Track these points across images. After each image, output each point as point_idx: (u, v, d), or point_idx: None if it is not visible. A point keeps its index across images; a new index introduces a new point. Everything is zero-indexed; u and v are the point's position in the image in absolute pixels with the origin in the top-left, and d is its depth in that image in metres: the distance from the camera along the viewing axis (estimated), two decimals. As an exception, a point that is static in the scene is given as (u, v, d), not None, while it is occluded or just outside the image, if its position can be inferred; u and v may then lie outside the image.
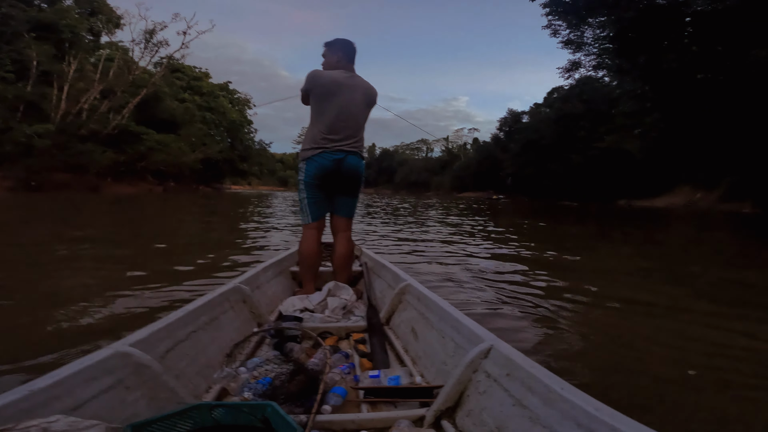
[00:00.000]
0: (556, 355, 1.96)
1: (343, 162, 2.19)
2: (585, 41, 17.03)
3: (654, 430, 0.71)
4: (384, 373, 1.39)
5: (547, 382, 0.93)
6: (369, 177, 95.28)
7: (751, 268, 4.90)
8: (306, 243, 2.29)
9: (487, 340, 1.19)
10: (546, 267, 4.31)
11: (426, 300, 1.68)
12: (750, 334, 2.31)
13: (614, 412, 0.79)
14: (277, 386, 1.19)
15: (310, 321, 1.91)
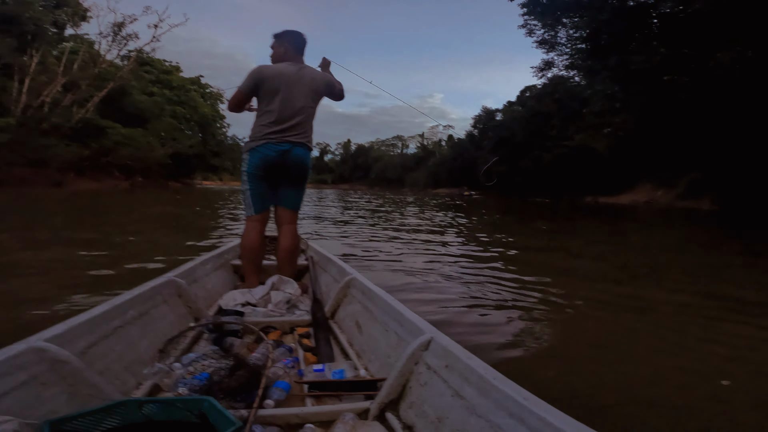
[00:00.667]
0: (514, 347, 2.03)
1: (289, 153, 2.18)
2: (558, 41, 17.55)
3: (574, 419, 0.75)
4: (328, 366, 1.40)
5: (482, 372, 0.95)
6: (344, 173, 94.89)
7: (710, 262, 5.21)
8: (248, 235, 2.24)
9: (427, 333, 1.20)
10: (513, 262, 4.52)
11: (370, 293, 1.68)
12: (710, 328, 2.39)
13: (540, 401, 0.82)
14: (216, 381, 1.17)
15: (252, 315, 1.87)
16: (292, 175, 2.25)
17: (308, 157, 2.29)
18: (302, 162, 2.24)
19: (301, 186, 2.34)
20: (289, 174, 2.24)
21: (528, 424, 0.79)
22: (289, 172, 2.23)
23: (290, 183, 2.28)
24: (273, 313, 1.94)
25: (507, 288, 3.25)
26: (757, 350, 2.14)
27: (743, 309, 2.90)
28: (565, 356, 2.02)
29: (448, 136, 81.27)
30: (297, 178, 2.28)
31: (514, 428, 0.81)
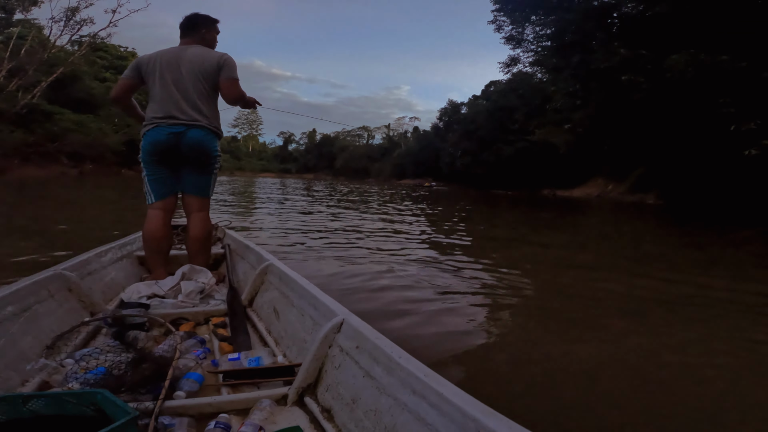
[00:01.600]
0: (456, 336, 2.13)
1: (183, 136, 2.09)
2: (525, 38, 18.13)
3: (468, 393, 0.79)
4: (245, 355, 1.38)
5: (388, 351, 0.98)
6: (309, 163, 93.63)
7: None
8: (149, 224, 2.15)
9: (339, 315, 1.21)
10: (466, 249, 4.84)
11: (287, 279, 1.66)
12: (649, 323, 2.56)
13: (439, 377, 0.86)
14: (116, 376, 1.14)
15: (159, 307, 1.79)
16: (191, 159, 2.15)
17: (208, 139, 2.17)
18: (200, 144, 2.13)
19: (204, 170, 2.21)
20: (187, 158, 2.13)
21: (428, 400, 0.82)
22: (186, 155, 2.12)
23: (191, 167, 2.17)
24: (184, 304, 1.86)
25: (461, 272, 3.54)
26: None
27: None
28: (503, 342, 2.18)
29: (413, 127, 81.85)
30: (197, 162, 2.17)
31: (417, 404, 0.84)
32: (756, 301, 3.13)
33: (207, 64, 2.15)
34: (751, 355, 2.08)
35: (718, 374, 1.85)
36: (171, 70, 2.11)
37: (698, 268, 4.56)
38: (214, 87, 2.19)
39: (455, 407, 0.75)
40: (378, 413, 0.93)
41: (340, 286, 2.88)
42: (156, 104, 2.11)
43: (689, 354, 2.07)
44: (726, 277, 3.99)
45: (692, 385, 1.75)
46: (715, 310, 2.85)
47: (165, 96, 2.09)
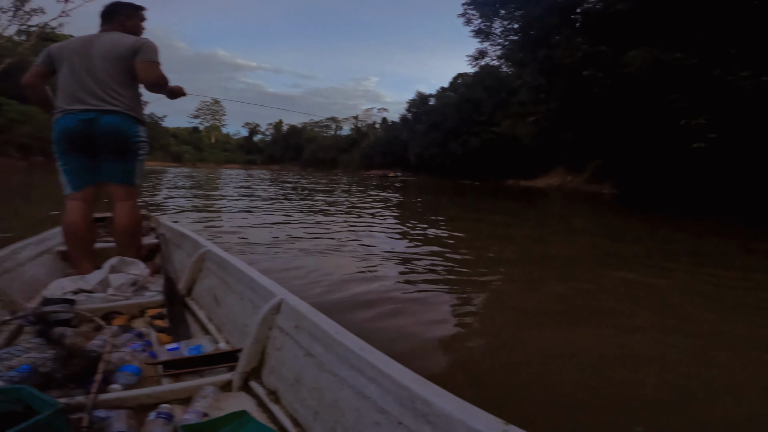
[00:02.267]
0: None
1: (96, 122, 2.02)
2: (493, 32, 18.47)
3: (401, 364, 0.81)
4: (184, 344, 1.36)
5: (326, 328, 0.99)
6: (275, 153, 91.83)
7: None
8: (67, 217, 2.06)
9: (278, 295, 1.20)
10: (422, 241, 4.96)
11: (225, 264, 1.64)
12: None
13: (374, 350, 0.88)
14: (42, 373, 1.10)
15: (88, 302, 1.72)
16: (108, 146, 2.07)
17: (126, 124, 2.09)
18: (115, 130, 2.06)
19: (124, 157, 2.12)
20: (103, 145, 2.06)
21: (365, 373, 0.84)
22: (102, 142, 2.05)
23: (109, 155, 2.10)
24: (115, 298, 1.81)
25: (421, 262, 3.70)
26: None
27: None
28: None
29: (382, 119, 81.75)
30: (115, 150, 2.09)
31: (355, 379, 0.86)
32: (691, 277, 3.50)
33: (120, 48, 2.09)
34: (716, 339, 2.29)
35: (683, 358, 2.02)
36: (81, 56, 2.05)
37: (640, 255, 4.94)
38: (130, 72, 2.11)
39: (390, 379, 0.77)
40: (320, 390, 0.94)
41: (305, 280, 2.88)
42: (65, 92, 2.04)
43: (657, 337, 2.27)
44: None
45: (659, 370, 1.90)
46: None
47: (74, 83, 2.03)
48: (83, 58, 2.05)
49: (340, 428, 0.85)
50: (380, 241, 4.66)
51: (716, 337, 2.28)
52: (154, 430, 0.96)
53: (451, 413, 0.65)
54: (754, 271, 4.08)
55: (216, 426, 0.94)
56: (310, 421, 0.94)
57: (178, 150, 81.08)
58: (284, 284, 1.32)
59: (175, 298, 1.74)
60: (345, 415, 0.85)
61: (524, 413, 1.40)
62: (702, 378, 1.80)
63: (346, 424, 0.84)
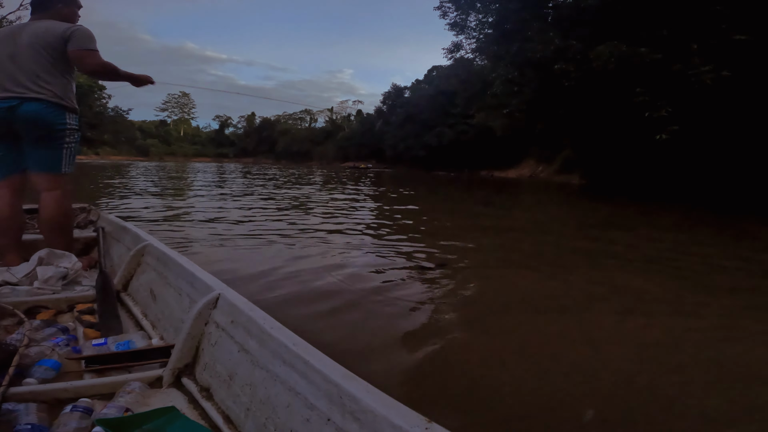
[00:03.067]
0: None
1: (17, 109, 1.98)
2: (468, 25, 18.63)
3: (333, 360, 0.81)
4: (113, 339, 1.31)
5: (261, 323, 0.97)
6: (248, 147, 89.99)
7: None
8: None
9: (216, 290, 1.18)
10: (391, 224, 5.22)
11: (165, 258, 1.60)
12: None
13: (307, 345, 0.87)
14: None
15: (11, 296, 1.67)
16: (30, 134, 2.04)
17: (49, 112, 2.05)
18: (36, 117, 2.01)
19: (48, 145, 2.07)
20: (25, 132, 2.03)
21: (297, 369, 0.83)
22: (23, 130, 2.02)
23: (31, 142, 2.05)
24: (41, 291, 1.74)
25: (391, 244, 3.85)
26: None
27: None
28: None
29: (357, 111, 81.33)
30: (38, 137, 2.05)
31: (287, 374, 0.85)
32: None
33: (50, 36, 2.06)
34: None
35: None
36: (6, 44, 2.03)
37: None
38: (60, 59, 2.08)
39: (320, 374, 0.77)
40: (253, 387, 0.93)
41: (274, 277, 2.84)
42: None
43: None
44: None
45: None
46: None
47: (3, 70, 2.00)
48: (7, 46, 2.03)
49: (271, 424, 0.85)
50: (349, 236, 4.68)
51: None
52: (68, 423, 0.91)
53: (376, 409, 0.65)
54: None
55: (139, 421, 0.89)
56: (241, 418, 0.93)
57: (144, 144, 78.47)
58: (230, 275, 1.30)
59: (108, 293, 1.67)
60: (276, 412, 0.85)
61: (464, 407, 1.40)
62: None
63: (277, 421, 0.84)
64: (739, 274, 3.45)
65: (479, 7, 17.02)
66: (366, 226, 5.33)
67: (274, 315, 1.03)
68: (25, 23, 2.13)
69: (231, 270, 2.84)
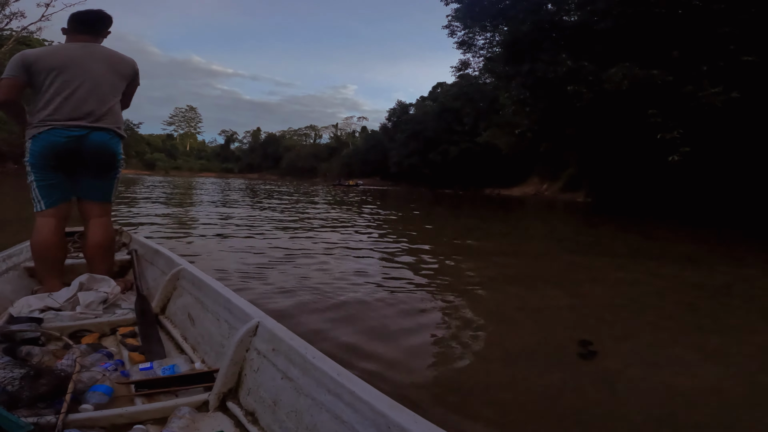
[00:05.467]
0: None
1: (85, 139, 1.96)
2: (476, 43, 19.05)
3: (379, 391, 0.82)
4: (158, 363, 1.34)
5: (303, 352, 1.00)
6: (253, 162, 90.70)
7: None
8: (39, 234, 1.98)
9: (255, 318, 1.21)
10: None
11: (200, 283, 1.63)
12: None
13: (352, 376, 0.89)
14: (9, 392, 1.07)
15: (56, 320, 1.70)
16: (94, 164, 2.02)
17: (113, 142, 2.07)
18: (104, 148, 2.02)
19: (107, 175, 2.10)
20: (89, 162, 2.01)
21: (343, 398, 0.85)
22: (89, 160, 2.00)
23: (93, 173, 2.05)
24: (84, 316, 1.77)
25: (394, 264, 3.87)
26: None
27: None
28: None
29: (362, 127, 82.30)
30: (100, 167, 2.05)
31: (333, 404, 0.87)
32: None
33: (122, 68, 2.10)
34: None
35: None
36: (77, 68, 1.96)
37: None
38: (121, 90, 2.13)
39: (367, 404, 0.79)
40: (299, 413, 0.95)
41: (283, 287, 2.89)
42: (53, 105, 1.93)
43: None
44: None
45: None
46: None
47: (66, 96, 1.94)
48: (81, 70, 1.97)
49: None
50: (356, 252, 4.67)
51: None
52: None
53: None
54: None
55: None
56: None
57: (151, 158, 79.15)
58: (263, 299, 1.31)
59: (148, 316, 1.70)
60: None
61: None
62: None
63: None
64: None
65: (488, 26, 17.46)
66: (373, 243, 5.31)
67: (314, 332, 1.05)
68: (85, 46, 2.05)
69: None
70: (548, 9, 15.01)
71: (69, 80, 1.94)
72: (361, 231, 6.66)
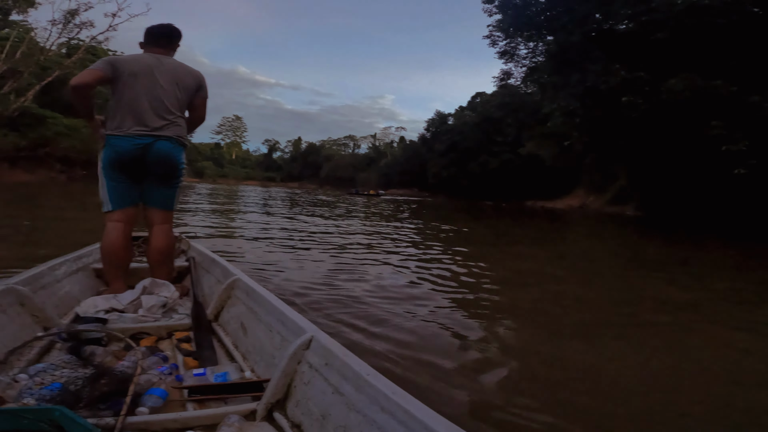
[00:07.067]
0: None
1: (151, 147, 2.03)
2: (518, 53, 18.95)
3: (435, 411, 0.81)
4: (211, 370, 1.37)
5: (357, 369, 1.00)
6: (294, 171, 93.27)
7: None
8: (108, 236, 2.06)
9: (308, 332, 1.23)
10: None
11: (254, 294, 1.66)
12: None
13: (406, 395, 0.88)
14: (73, 391, 1.10)
15: (119, 322, 1.75)
16: (157, 172, 2.10)
17: (177, 152, 2.14)
18: (168, 157, 2.09)
19: (169, 184, 2.17)
20: (153, 170, 2.08)
21: (397, 417, 0.84)
22: (153, 167, 2.08)
23: (156, 180, 2.12)
24: (145, 319, 1.83)
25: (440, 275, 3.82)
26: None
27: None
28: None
29: (400, 137, 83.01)
30: (163, 176, 2.13)
31: (386, 422, 0.86)
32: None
33: (188, 80, 2.18)
34: None
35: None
36: (148, 78, 2.06)
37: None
38: (187, 101, 2.21)
39: (422, 424, 0.78)
40: (347, 429, 0.94)
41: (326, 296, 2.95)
42: (124, 111, 2.03)
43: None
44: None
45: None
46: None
47: (136, 104, 2.03)
48: (149, 80, 2.06)
49: None
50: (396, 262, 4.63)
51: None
52: None
53: None
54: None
55: None
56: None
57: (200, 166, 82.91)
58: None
59: (203, 322, 1.75)
60: None
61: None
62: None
63: None
64: None
65: (534, 35, 17.32)
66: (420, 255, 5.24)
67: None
68: (157, 57, 2.15)
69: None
70: (596, 18, 14.79)
71: (139, 89, 2.04)
72: (409, 246, 6.40)
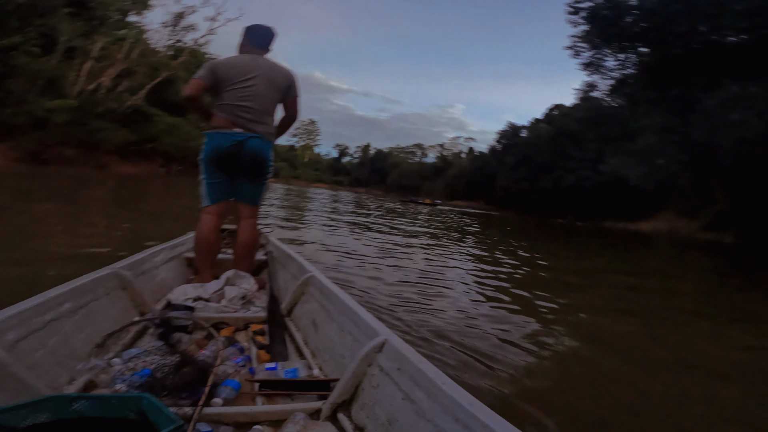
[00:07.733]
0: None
1: (244, 144, 2.13)
2: (604, 64, 17.95)
3: (516, 428, 0.77)
4: (281, 365, 1.38)
5: (432, 377, 0.96)
6: (361, 177, 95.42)
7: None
8: (202, 227, 2.18)
9: (382, 335, 1.20)
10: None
11: (328, 293, 1.67)
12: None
13: (485, 407, 0.84)
14: (159, 378, 1.14)
15: (203, 311, 1.80)
16: (248, 168, 2.19)
17: (266, 149, 2.23)
18: (258, 154, 2.18)
19: (258, 180, 2.26)
20: (245, 166, 2.18)
21: (472, 429, 0.80)
22: (244, 164, 2.17)
23: (246, 176, 2.21)
24: (226, 309, 1.88)
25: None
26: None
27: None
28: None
29: (468, 148, 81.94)
30: (253, 172, 2.21)
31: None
32: None
33: (281, 79, 2.25)
34: None
35: None
36: (245, 78, 2.16)
37: None
38: (279, 101, 2.28)
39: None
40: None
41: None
42: (224, 110, 2.15)
43: None
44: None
45: None
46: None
47: (234, 103, 2.14)
48: (246, 80, 2.16)
49: None
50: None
51: None
52: None
53: None
54: None
55: None
56: None
57: (276, 166, 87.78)
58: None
59: (278, 317, 1.78)
60: None
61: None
62: None
63: None
64: None
65: (628, 46, 16.30)
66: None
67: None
68: (254, 58, 2.25)
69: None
70: (701, 30, 13.61)
71: (237, 88, 2.15)
72: (481, 265, 6.10)
